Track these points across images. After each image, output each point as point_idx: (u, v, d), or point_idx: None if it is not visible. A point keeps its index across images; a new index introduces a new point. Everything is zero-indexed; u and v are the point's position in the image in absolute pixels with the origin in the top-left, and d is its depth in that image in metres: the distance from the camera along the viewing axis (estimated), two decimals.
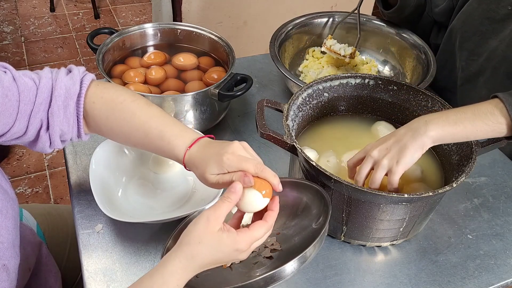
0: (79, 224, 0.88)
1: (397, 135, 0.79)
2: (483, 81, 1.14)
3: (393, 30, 1.29)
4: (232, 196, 0.62)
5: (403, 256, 0.88)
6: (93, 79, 0.75)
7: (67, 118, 0.72)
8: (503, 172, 1.06)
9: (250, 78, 1.02)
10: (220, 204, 0.62)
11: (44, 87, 0.70)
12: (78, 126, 0.74)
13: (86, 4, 3.30)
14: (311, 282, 0.82)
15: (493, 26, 1.10)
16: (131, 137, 0.75)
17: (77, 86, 0.72)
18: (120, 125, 0.74)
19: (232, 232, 0.61)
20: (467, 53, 1.16)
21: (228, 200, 0.62)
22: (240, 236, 0.61)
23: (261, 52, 1.40)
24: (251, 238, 0.62)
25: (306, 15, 1.30)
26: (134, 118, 0.74)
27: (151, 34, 1.18)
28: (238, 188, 0.63)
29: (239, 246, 0.61)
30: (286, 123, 0.83)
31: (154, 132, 0.73)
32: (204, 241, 0.60)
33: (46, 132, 0.72)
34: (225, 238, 0.60)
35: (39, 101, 0.70)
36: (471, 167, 0.78)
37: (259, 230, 0.63)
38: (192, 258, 0.60)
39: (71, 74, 0.74)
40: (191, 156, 0.71)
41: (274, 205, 0.66)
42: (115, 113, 0.74)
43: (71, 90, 0.72)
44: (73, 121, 0.73)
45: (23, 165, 2.16)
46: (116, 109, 0.74)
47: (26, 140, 0.73)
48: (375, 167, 0.79)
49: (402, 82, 0.95)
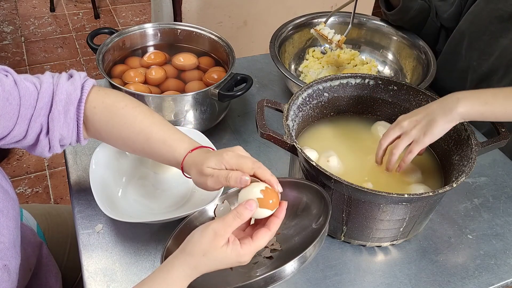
0: (79, 224, 0.88)
1: (428, 109, 0.83)
2: (496, 80, 1.15)
3: (393, 30, 1.29)
4: (245, 213, 0.61)
5: (403, 256, 0.88)
6: (94, 84, 0.76)
7: (67, 123, 0.73)
8: (503, 172, 1.06)
9: (250, 78, 1.02)
10: (231, 221, 0.60)
11: (45, 92, 0.71)
12: (78, 131, 0.75)
13: (86, 4, 3.30)
14: (311, 282, 0.82)
15: (503, 25, 1.10)
16: (131, 142, 0.76)
17: (78, 91, 0.73)
18: (120, 130, 0.75)
19: (236, 245, 0.61)
20: (478, 53, 1.16)
21: (240, 218, 0.61)
22: (244, 249, 0.61)
23: (261, 52, 1.40)
24: (255, 248, 0.62)
25: (306, 15, 1.30)
26: (136, 123, 0.75)
27: (151, 34, 1.18)
28: (254, 207, 0.61)
29: (241, 259, 0.61)
30: (286, 123, 0.83)
31: (156, 136, 0.74)
32: (208, 255, 0.60)
33: (46, 137, 0.73)
34: (229, 252, 0.60)
35: (40, 106, 0.70)
36: (471, 167, 0.78)
37: (262, 240, 0.62)
38: (196, 268, 0.60)
39: (72, 79, 0.74)
40: (191, 157, 0.71)
41: (280, 211, 0.65)
42: (116, 118, 0.75)
43: (72, 96, 0.72)
44: (73, 126, 0.74)
45: (23, 165, 2.16)
46: (118, 114, 0.75)
47: (26, 144, 0.73)
48: (402, 136, 0.84)
49: (402, 82, 0.95)
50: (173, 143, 0.73)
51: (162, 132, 0.74)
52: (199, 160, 0.69)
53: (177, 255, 0.61)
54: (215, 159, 0.67)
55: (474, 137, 0.83)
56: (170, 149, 0.73)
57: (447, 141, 0.90)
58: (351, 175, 0.88)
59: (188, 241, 0.61)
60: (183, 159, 0.72)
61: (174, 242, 0.71)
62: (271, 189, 0.66)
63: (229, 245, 0.60)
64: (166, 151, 0.74)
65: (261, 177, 0.66)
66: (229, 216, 0.61)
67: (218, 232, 0.60)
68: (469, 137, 0.83)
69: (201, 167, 0.68)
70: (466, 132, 0.85)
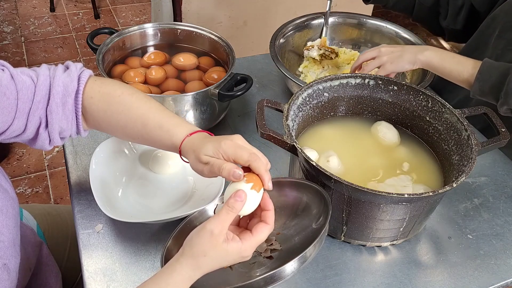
0: (79, 224, 0.88)
1: (405, 47, 1.06)
2: None
3: (393, 30, 1.29)
4: (237, 205, 0.61)
5: (403, 256, 0.88)
6: (91, 74, 0.75)
7: (65, 115, 0.72)
8: (503, 172, 1.06)
9: (250, 78, 1.02)
10: (224, 216, 0.60)
11: (42, 85, 0.70)
12: (77, 122, 0.75)
13: (86, 4, 3.30)
14: (311, 282, 0.82)
15: None
16: (128, 129, 0.75)
17: (74, 82, 0.72)
18: (118, 118, 0.74)
19: (236, 241, 0.61)
20: (505, 42, 1.16)
21: (232, 211, 0.60)
22: (245, 244, 0.61)
23: (261, 52, 1.40)
24: (256, 243, 0.62)
25: (306, 15, 1.30)
26: (132, 110, 0.74)
27: (151, 34, 1.18)
28: (244, 196, 0.61)
29: (244, 254, 0.61)
30: (286, 123, 0.83)
31: (153, 122, 0.73)
32: (210, 254, 0.60)
33: (45, 130, 0.72)
34: (230, 249, 0.60)
35: (38, 99, 0.70)
36: (471, 167, 0.78)
37: (262, 234, 0.62)
38: (198, 269, 0.60)
39: (69, 71, 0.74)
40: (190, 141, 0.70)
41: (268, 204, 0.64)
42: (113, 106, 0.74)
43: (69, 87, 0.72)
44: (72, 117, 0.73)
45: (23, 165, 2.16)
46: (114, 102, 0.74)
47: (26, 138, 0.73)
48: (376, 58, 1.06)
49: (402, 82, 0.95)
50: (171, 127, 0.72)
51: (159, 118, 0.74)
52: (197, 146, 0.68)
53: (177, 259, 0.61)
54: (212, 147, 0.66)
55: (474, 137, 0.83)
56: (167, 134, 0.72)
57: (447, 141, 0.90)
58: (351, 175, 0.88)
59: (187, 244, 0.61)
60: (181, 143, 0.71)
61: (174, 242, 0.71)
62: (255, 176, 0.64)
63: (229, 242, 0.60)
64: (163, 136, 0.73)
65: (255, 171, 0.64)
66: (222, 212, 0.60)
67: (215, 230, 0.59)
68: (469, 137, 0.83)
69: (199, 154, 0.67)
70: (466, 132, 0.85)
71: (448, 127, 0.89)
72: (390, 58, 1.04)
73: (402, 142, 0.97)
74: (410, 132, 0.99)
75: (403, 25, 1.31)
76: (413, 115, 0.96)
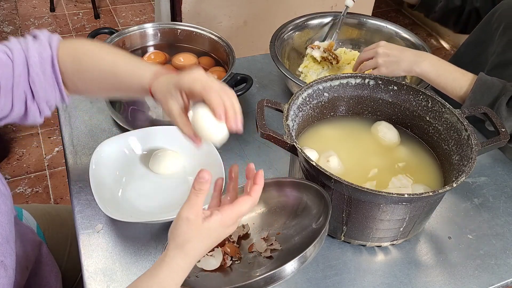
0: (79, 224, 0.88)
1: (403, 53, 1.04)
2: None
3: (393, 30, 1.29)
4: (203, 186, 0.60)
5: (403, 256, 0.88)
6: (60, 39, 0.77)
7: (48, 82, 0.74)
8: (503, 172, 1.06)
9: (250, 78, 1.01)
10: (195, 199, 0.60)
11: (17, 58, 0.71)
12: (59, 88, 0.76)
13: (86, 4, 3.30)
14: (311, 282, 0.82)
15: None
16: (103, 84, 0.77)
17: (48, 49, 0.74)
18: (91, 74, 0.76)
19: (216, 215, 0.61)
20: (507, 39, 1.16)
21: (200, 193, 0.60)
22: (224, 214, 0.61)
23: (261, 52, 1.40)
24: (236, 213, 0.62)
25: (306, 15, 1.30)
26: (101, 63, 0.76)
27: (151, 34, 1.18)
28: (207, 176, 0.60)
29: (226, 224, 0.61)
30: (286, 123, 0.83)
31: (122, 70, 0.75)
32: (193, 239, 0.60)
33: (33, 102, 0.74)
34: (211, 225, 0.60)
35: (17, 73, 0.71)
36: (471, 167, 0.78)
37: (244, 205, 0.62)
38: (187, 256, 0.61)
39: (38, 40, 0.75)
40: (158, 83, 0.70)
41: (259, 178, 0.64)
42: (84, 63, 0.76)
43: (43, 55, 0.73)
44: (53, 83, 0.75)
45: (23, 165, 2.16)
46: (84, 59, 0.76)
47: (16, 116, 0.74)
48: (373, 58, 1.06)
49: (402, 82, 0.95)
50: (139, 71, 0.73)
51: (128, 65, 0.75)
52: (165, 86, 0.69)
53: (165, 253, 0.61)
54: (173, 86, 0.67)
55: (474, 137, 0.83)
56: (137, 78, 0.73)
57: (447, 141, 0.90)
58: (351, 175, 0.88)
59: (170, 238, 0.62)
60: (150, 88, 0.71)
61: None
62: None
63: (208, 219, 0.60)
64: (134, 82, 0.74)
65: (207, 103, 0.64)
66: (191, 196, 0.61)
67: (190, 216, 0.60)
68: (469, 137, 0.83)
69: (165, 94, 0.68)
70: (466, 132, 0.85)
71: (448, 127, 0.89)
72: (385, 63, 1.04)
73: (402, 142, 0.97)
74: (410, 132, 0.99)
75: (403, 25, 1.31)
76: (413, 115, 0.96)
